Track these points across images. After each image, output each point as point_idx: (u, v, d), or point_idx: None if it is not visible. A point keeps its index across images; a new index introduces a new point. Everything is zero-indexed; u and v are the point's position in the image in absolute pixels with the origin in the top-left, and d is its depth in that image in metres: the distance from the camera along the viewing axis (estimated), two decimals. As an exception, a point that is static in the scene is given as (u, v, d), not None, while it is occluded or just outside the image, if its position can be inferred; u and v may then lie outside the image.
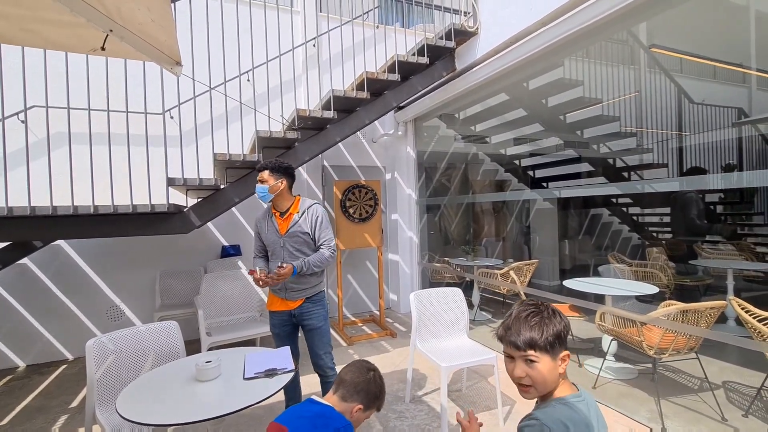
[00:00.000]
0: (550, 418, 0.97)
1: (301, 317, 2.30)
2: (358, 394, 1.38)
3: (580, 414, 0.98)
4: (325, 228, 2.32)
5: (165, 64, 1.95)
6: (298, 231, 2.26)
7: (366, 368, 1.45)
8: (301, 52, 4.48)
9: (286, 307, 2.30)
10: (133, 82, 2.78)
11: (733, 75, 4.70)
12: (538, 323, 1.02)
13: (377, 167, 5.42)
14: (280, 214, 2.31)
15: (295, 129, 3.12)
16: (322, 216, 2.32)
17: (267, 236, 2.31)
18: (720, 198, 5.22)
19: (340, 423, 1.27)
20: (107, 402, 2.01)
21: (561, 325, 1.04)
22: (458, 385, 3.13)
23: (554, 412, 0.99)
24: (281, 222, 2.29)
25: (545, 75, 3.92)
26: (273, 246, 2.29)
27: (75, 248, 4.00)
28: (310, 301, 2.31)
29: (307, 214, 2.30)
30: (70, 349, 4.02)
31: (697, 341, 2.54)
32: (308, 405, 1.36)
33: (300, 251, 2.27)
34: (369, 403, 1.40)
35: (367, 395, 1.39)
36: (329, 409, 1.33)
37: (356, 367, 1.45)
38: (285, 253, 2.26)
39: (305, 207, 2.32)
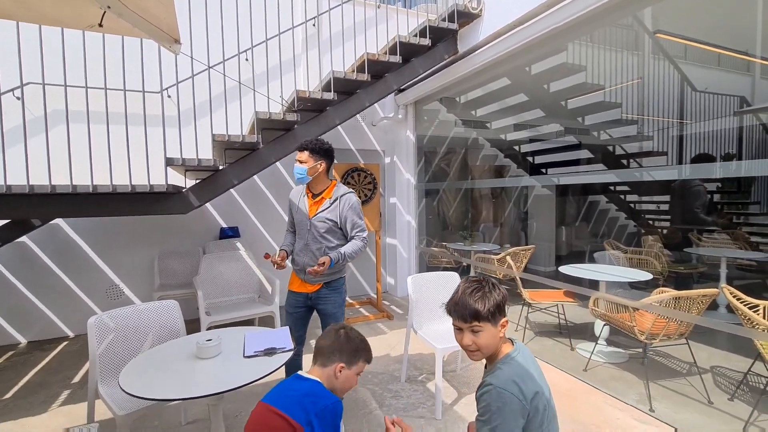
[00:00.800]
0: (501, 380, 1.10)
1: (317, 301, 2.32)
2: (334, 354, 1.36)
3: (522, 367, 1.14)
4: (358, 219, 2.29)
5: (163, 41, 1.92)
6: (326, 217, 2.24)
7: (334, 330, 1.43)
8: (300, 31, 4.39)
9: (305, 290, 2.32)
10: (131, 61, 2.74)
11: (737, 63, 4.65)
12: (481, 297, 1.17)
13: (376, 151, 5.39)
14: (312, 196, 2.31)
15: (295, 111, 3.09)
16: (354, 204, 2.29)
17: (296, 215, 2.33)
18: (717, 187, 5.24)
19: (328, 401, 1.25)
20: (109, 378, 2.05)
21: (500, 297, 1.19)
22: (453, 366, 3.20)
23: (502, 374, 1.13)
24: (312, 204, 2.29)
25: (548, 60, 3.87)
26: (300, 225, 2.31)
27: (73, 227, 4.01)
28: (328, 287, 2.32)
29: (339, 201, 2.27)
30: (70, 327, 4.07)
31: (687, 327, 2.60)
32: (295, 382, 1.33)
33: (323, 236, 2.25)
34: (350, 359, 1.37)
35: (343, 352, 1.36)
36: (317, 387, 1.30)
37: (326, 333, 1.44)
38: (309, 236, 2.26)
39: (339, 194, 2.28)
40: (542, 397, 1.11)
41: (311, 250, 2.26)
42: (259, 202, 4.80)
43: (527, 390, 1.09)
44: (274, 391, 1.30)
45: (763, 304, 2.37)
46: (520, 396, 1.07)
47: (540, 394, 1.11)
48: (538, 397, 1.10)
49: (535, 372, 1.16)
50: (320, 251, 2.25)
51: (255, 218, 4.80)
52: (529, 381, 1.12)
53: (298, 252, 2.31)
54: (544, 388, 1.15)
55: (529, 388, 1.10)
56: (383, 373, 3.09)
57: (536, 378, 1.15)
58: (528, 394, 1.09)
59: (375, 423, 2.43)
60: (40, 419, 2.54)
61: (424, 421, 2.44)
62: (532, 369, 1.16)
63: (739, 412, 2.38)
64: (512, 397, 1.07)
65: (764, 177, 4.75)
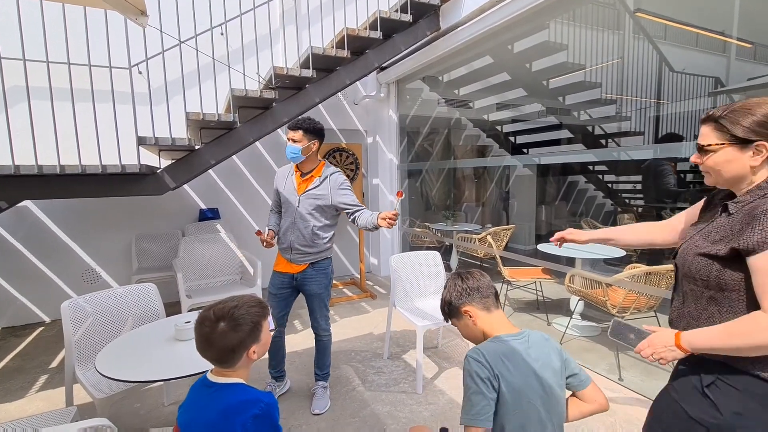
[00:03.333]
0: (478, 350, 1.11)
1: (302, 282, 2.33)
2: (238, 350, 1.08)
3: (506, 347, 1.11)
4: (351, 195, 2.30)
5: (129, 13, 1.82)
6: (316, 194, 2.25)
7: (210, 335, 1.06)
8: (278, 5, 4.23)
9: (291, 270, 2.32)
10: (96, 33, 2.58)
11: (715, 43, 4.72)
12: (441, 299, 1.27)
13: (359, 131, 5.32)
14: (301, 174, 2.30)
15: (273, 88, 3.00)
16: (345, 183, 2.30)
17: (284, 192, 2.32)
18: (691, 166, 5.40)
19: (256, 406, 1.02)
20: (87, 362, 2.03)
21: (447, 295, 1.24)
22: (434, 343, 3.28)
23: (483, 346, 1.13)
24: (301, 182, 2.28)
25: (530, 38, 3.84)
26: (287, 203, 2.30)
27: (44, 210, 3.86)
28: (314, 268, 2.32)
29: (329, 180, 2.28)
30: (46, 312, 3.98)
31: (656, 301, 2.71)
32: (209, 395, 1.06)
33: (311, 214, 2.26)
34: (255, 336, 1.10)
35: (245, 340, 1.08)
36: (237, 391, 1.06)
37: (204, 341, 1.08)
38: (297, 214, 2.26)
39: (328, 173, 2.30)
40: (511, 386, 1.04)
41: (298, 228, 2.26)
42: (239, 183, 4.71)
43: (495, 363, 1.06)
44: (186, 413, 1.08)
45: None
46: (485, 363, 1.05)
47: (509, 382, 1.04)
48: (505, 382, 1.04)
49: (537, 358, 1.09)
50: (307, 229, 2.25)
51: (235, 200, 4.72)
52: (504, 361, 1.06)
53: (285, 230, 2.30)
54: (520, 382, 1.05)
55: (498, 365, 1.06)
56: (366, 351, 3.15)
57: (518, 368, 1.07)
58: (494, 365, 1.05)
59: (358, 399, 2.49)
60: (18, 404, 2.50)
61: (406, 396, 2.51)
62: (528, 353, 1.10)
63: (701, 379, 2.53)
64: (476, 363, 1.06)
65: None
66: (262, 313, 1.15)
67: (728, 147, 0.97)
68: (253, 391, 1.07)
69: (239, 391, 1.06)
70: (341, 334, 3.47)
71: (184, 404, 1.10)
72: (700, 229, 1.07)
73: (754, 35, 4.22)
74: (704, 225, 1.07)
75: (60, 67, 2.61)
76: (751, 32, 4.06)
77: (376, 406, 2.41)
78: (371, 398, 2.50)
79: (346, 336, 3.44)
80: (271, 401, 1.06)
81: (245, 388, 1.07)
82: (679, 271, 1.09)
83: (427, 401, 2.45)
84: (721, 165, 0.99)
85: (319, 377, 2.49)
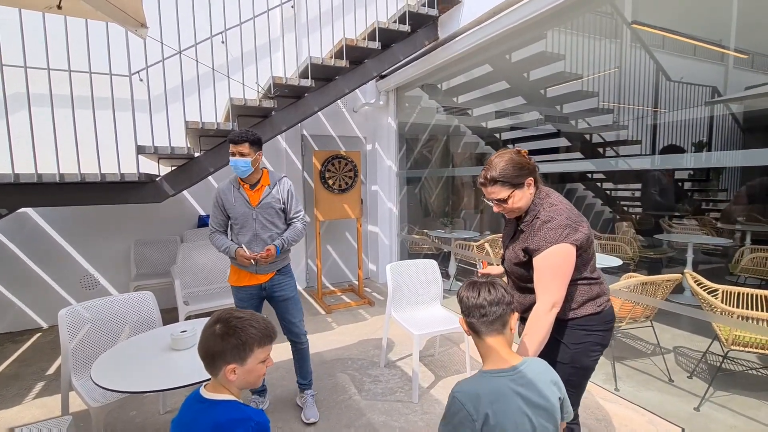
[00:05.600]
0: (461, 388, 1.05)
1: (272, 290, 2.33)
2: (216, 359, 1.05)
3: (493, 386, 1.03)
4: (296, 201, 2.35)
5: (129, 25, 1.85)
6: (272, 201, 2.26)
7: (207, 328, 1.09)
8: (277, 14, 4.27)
9: (256, 281, 2.30)
10: (96, 41, 2.62)
11: (712, 53, 4.76)
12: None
13: (358, 137, 5.35)
14: (249, 186, 2.26)
15: (271, 97, 3.03)
16: (292, 189, 2.34)
17: (235, 208, 2.24)
18: (689, 175, 5.42)
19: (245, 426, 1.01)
20: (83, 370, 2.03)
21: (458, 297, 1.18)
22: (431, 351, 3.28)
23: (469, 383, 1.07)
24: (252, 194, 2.25)
25: (528, 48, 3.88)
26: (243, 218, 2.25)
27: (43, 216, 3.87)
28: (281, 273, 2.34)
29: (279, 185, 2.30)
30: (44, 318, 3.98)
31: (652, 310, 2.72)
32: (200, 411, 1.05)
33: (272, 223, 2.27)
34: (239, 355, 1.06)
35: (226, 353, 1.05)
36: (226, 408, 1.04)
37: (201, 334, 1.10)
38: (257, 225, 2.24)
39: (276, 179, 2.32)
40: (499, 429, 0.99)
41: (261, 239, 2.25)
42: (238, 189, 4.72)
43: (477, 406, 1.00)
44: (178, 428, 1.08)
45: (722, 288, 2.50)
46: (473, 413, 0.99)
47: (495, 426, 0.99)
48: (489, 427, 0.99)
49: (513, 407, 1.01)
50: (271, 238, 2.26)
51: (234, 206, 4.73)
52: (490, 403, 1.00)
53: (248, 245, 2.24)
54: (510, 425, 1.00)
55: (482, 406, 0.99)
56: (363, 359, 3.15)
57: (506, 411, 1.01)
58: (477, 408, 0.99)
59: (354, 408, 2.49)
60: (14, 411, 2.50)
61: (402, 405, 2.50)
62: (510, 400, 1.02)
63: (697, 390, 2.53)
64: (457, 404, 1.01)
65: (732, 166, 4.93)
66: (260, 339, 1.08)
67: (517, 191, 1.43)
68: (246, 409, 1.05)
69: (231, 409, 1.04)
70: (338, 341, 3.47)
71: (177, 418, 1.09)
72: (509, 246, 1.55)
73: (751, 44, 4.26)
74: (511, 243, 1.53)
75: (59, 74, 2.64)
76: (749, 42, 4.10)
77: (372, 415, 2.41)
78: (367, 407, 2.49)
79: (343, 343, 3.44)
80: (262, 420, 1.03)
81: (238, 406, 1.05)
82: (508, 273, 1.59)
83: (423, 410, 2.45)
84: (518, 203, 1.44)
85: (305, 386, 2.47)
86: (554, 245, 1.32)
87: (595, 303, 1.42)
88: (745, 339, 2.29)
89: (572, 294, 1.39)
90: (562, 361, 1.42)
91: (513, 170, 1.41)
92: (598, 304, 1.42)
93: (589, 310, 1.41)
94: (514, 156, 1.44)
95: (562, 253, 1.32)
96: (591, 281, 1.42)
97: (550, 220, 1.36)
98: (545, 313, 1.29)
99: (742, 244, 4.27)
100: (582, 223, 1.38)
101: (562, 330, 1.42)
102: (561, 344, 1.43)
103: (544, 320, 1.29)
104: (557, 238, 1.32)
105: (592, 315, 1.40)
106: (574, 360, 1.41)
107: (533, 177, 1.44)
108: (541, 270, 1.35)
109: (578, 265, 1.37)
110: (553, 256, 1.32)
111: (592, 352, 1.42)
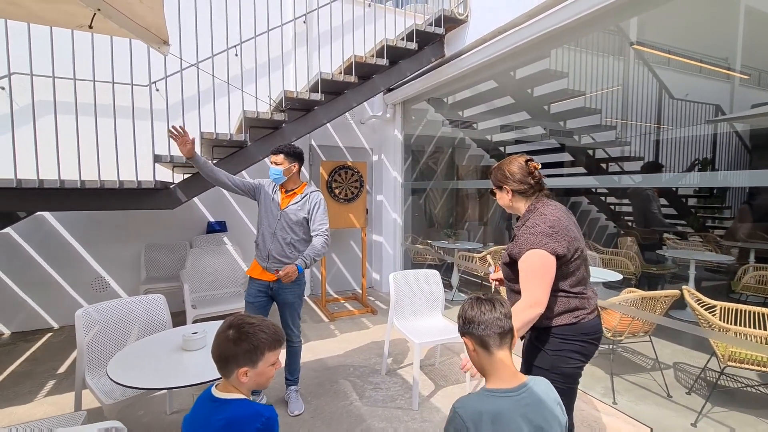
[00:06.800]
0: (462, 404, 1.05)
1: (277, 291, 2.46)
2: (229, 362, 1.12)
3: (495, 406, 1.03)
4: (322, 214, 2.49)
5: (152, 43, 1.97)
6: (296, 209, 2.45)
7: (222, 332, 1.15)
8: (290, 28, 4.43)
9: (265, 278, 2.44)
10: (119, 53, 2.76)
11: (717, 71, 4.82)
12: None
13: (364, 149, 5.47)
14: (285, 191, 2.49)
15: (282, 110, 3.15)
16: (320, 203, 2.50)
17: (266, 203, 2.48)
18: (694, 191, 5.45)
19: (254, 424, 1.06)
20: (96, 368, 2.11)
21: (459, 313, 1.17)
22: (432, 360, 3.32)
23: (470, 400, 1.07)
24: (284, 197, 2.48)
25: (532, 65, 3.98)
26: (269, 217, 2.46)
27: (59, 219, 4.01)
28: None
29: (308, 198, 2.49)
30: (55, 318, 4.09)
31: (651, 325, 2.76)
32: (212, 409, 1.11)
33: (291, 228, 2.44)
34: (250, 359, 1.12)
35: (238, 357, 1.11)
36: (238, 406, 1.10)
37: (215, 337, 1.17)
38: (278, 225, 2.43)
39: (308, 192, 2.52)
40: None
41: (278, 239, 2.42)
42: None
43: (478, 426, 1.01)
44: (191, 424, 1.13)
45: (719, 305, 2.53)
46: (466, 425, 1.01)
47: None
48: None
49: (514, 429, 1.01)
50: (286, 240, 2.42)
51: (242, 213, 4.85)
52: (491, 423, 1.00)
53: (265, 239, 2.44)
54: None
55: (482, 427, 1.00)
56: (365, 366, 3.20)
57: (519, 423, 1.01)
58: (478, 428, 1.01)
59: (354, 414, 2.54)
60: (26, 408, 2.59)
61: (402, 412, 2.55)
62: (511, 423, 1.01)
63: (695, 405, 2.55)
64: (458, 421, 1.02)
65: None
66: (270, 344, 1.15)
67: (498, 192, 1.68)
68: (255, 405, 1.11)
69: (242, 407, 1.10)
70: (340, 348, 3.53)
71: (189, 416, 1.15)
72: (505, 247, 1.71)
73: (758, 62, 4.31)
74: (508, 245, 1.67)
75: (77, 84, 2.78)
76: (756, 59, 4.16)
77: (372, 421, 2.46)
78: (367, 413, 2.55)
79: (346, 350, 3.50)
80: (272, 415, 1.09)
81: (247, 403, 1.11)
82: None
83: (423, 418, 2.49)
84: (500, 201, 1.69)
85: (291, 382, 2.62)
86: (531, 249, 1.44)
87: (571, 314, 1.50)
88: (741, 356, 2.32)
89: (551, 304, 1.48)
90: (543, 367, 1.51)
91: (498, 174, 1.65)
92: (574, 316, 1.50)
93: (564, 320, 1.50)
94: (508, 164, 1.63)
95: (539, 257, 1.43)
96: (569, 294, 1.51)
97: (533, 227, 1.49)
98: (522, 309, 1.39)
99: (746, 261, 4.28)
100: (565, 237, 1.47)
101: (541, 337, 1.54)
102: (541, 351, 1.53)
103: (520, 314, 1.37)
104: (535, 243, 1.44)
105: (567, 325, 1.50)
106: (553, 366, 1.50)
107: (511, 188, 1.61)
108: (521, 271, 1.48)
109: (557, 276, 1.46)
110: (530, 258, 1.45)
111: (571, 359, 1.50)
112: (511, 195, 1.63)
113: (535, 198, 1.60)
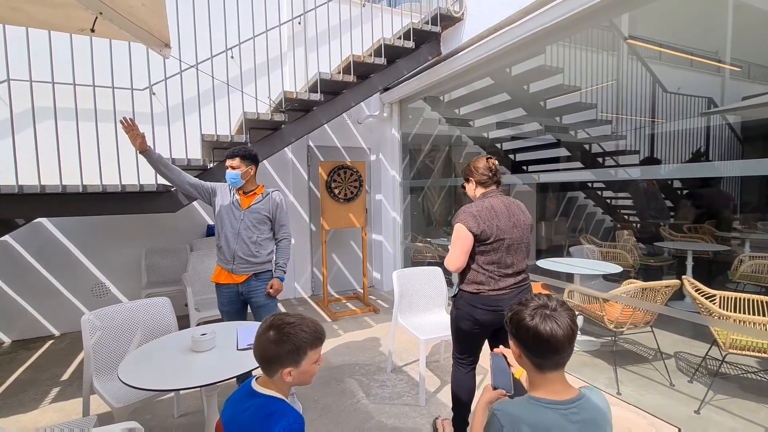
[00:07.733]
0: (502, 407, 0.98)
1: (249, 294, 2.42)
2: (273, 363, 1.13)
3: (540, 417, 0.93)
4: (285, 215, 2.51)
5: (154, 46, 1.97)
6: (259, 207, 2.44)
7: (262, 333, 1.16)
8: (286, 29, 4.43)
9: (232, 281, 2.40)
10: (118, 58, 2.75)
11: (708, 64, 4.89)
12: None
13: (362, 148, 5.48)
14: (243, 193, 2.45)
15: (282, 111, 3.15)
16: (282, 203, 2.51)
17: (224, 205, 2.40)
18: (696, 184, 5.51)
19: (284, 423, 1.06)
20: (104, 372, 2.11)
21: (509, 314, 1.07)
22: (436, 357, 3.34)
23: (511, 404, 0.98)
24: (244, 198, 2.44)
25: (527, 62, 4.01)
26: (231, 218, 2.39)
27: (57, 225, 3.98)
28: (257, 279, 2.42)
29: (269, 198, 2.48)
30: (56, 325, 4.06)
31: (652, 316, 2.79)
32: (249, 400, 1.14)
33: (256, 227, 2.42)
34: (293, 359, 1.13)
35: (281, 357, 1.12)
36: (273, 404, 1.12)
37: (256, 338, 1.18)
38: (242, 225, 2.39)
39: (268, 191, 2.52)
40: None
41: (242, 239, 2.39)
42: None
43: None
44: (229, 409, 1.17)
45: (719, 294, 2.58)
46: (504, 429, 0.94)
47: None
48: None
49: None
50: (251, 239, 2.40)
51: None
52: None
53: (228, 240, 2.37)
54: None
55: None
56: (370, 365, 3.21)
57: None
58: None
59: (363, 412, 2.55)
60: (31, 416, 2.57)
61: (409, 408, 2.57)
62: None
63: (697, 393, 2.59)
64: (496, 424, 0.96)
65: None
66: (312, 342, 1.16)
67: (465, 184, 2.09)
68: (289, 407, 1.12)
69: (280, 405, 1.12)
70: (345, 348, 3.54)
71: (229, 401, 1.18)
72: None
73: (748, 55, 4.38)
74: None
75: (82, 89, 2.77)
76: (745, 52, 4.22)
77: (381, 418, 2.48)
78: (375, 411, 2.56)
79: (350, 350, 3.51)
80: (302, 421, 1.10)
81: (282, 403, 1.13)
82: None
83: (430, 413, 2.51)
84: (468, 192, 2.10)
85: None
86: (457, 222, 1.89)
87: (475, 285, 1.90)
88: (742, 343, 2.36)
89: (465, 272, 1.92)
90: (450, 316, 2.05)
91: (467, 170, 2.06)
92: (476, 288, 1.89)
93: (469, 288, 1.91)
94: (475, 161, 2.03)
95: (458, 229, 1.88)
96: (480, 269, 1.89)
97: (468, 208, 1.91)
98: (445, 261, 1.96)
99: (740, 251, 4.34)
100: (486, 222, 1.84)
101: (457, 296, 1.98)
102: (453, 306, 2.01)
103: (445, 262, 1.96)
104: (460, 219, 1.88)
105: (470, 293, 1.90)
106: (455, 319, 2.00)
107: (475, 179, 2.01)
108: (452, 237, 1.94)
109: (477, 252, 1.88)
110: (455, 228, 1.89)
111: (466, 320, 1.93)
112: (475, 186, 2.02)
113: (491, 190, 1.98)
